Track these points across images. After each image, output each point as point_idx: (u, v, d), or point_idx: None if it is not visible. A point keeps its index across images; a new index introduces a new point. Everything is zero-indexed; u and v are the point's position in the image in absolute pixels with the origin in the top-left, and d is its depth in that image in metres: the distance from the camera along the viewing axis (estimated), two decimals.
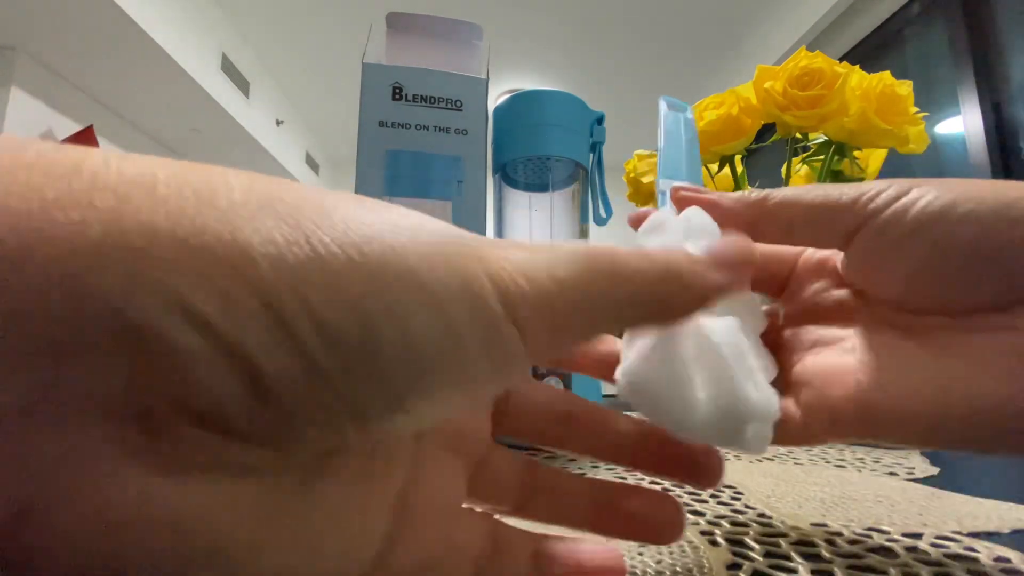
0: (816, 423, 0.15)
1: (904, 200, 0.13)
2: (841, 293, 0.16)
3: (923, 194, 0.13)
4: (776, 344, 0.17)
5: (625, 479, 0.24)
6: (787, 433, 0.15)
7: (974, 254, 0.13)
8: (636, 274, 0.10)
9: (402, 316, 0.07)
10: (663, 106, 0.22)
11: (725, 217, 0.16)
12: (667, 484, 0.23)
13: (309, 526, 0.08)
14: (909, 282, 0.14)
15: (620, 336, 0.14)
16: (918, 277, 0.14)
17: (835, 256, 0.17)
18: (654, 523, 0.13)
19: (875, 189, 0.14)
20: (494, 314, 0.08)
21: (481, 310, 0.08)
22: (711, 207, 0.16)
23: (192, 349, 0.06)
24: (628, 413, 0.15)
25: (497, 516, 0.13)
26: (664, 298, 0.11)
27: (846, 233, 0.14)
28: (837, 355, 0.15)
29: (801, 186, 0.16)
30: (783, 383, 0.16)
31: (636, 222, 0.17)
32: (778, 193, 0.16)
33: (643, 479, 0.24)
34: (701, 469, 0.14)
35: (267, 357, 0.07)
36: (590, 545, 0.12)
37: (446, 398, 0.09)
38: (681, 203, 0.17)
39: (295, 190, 0.08)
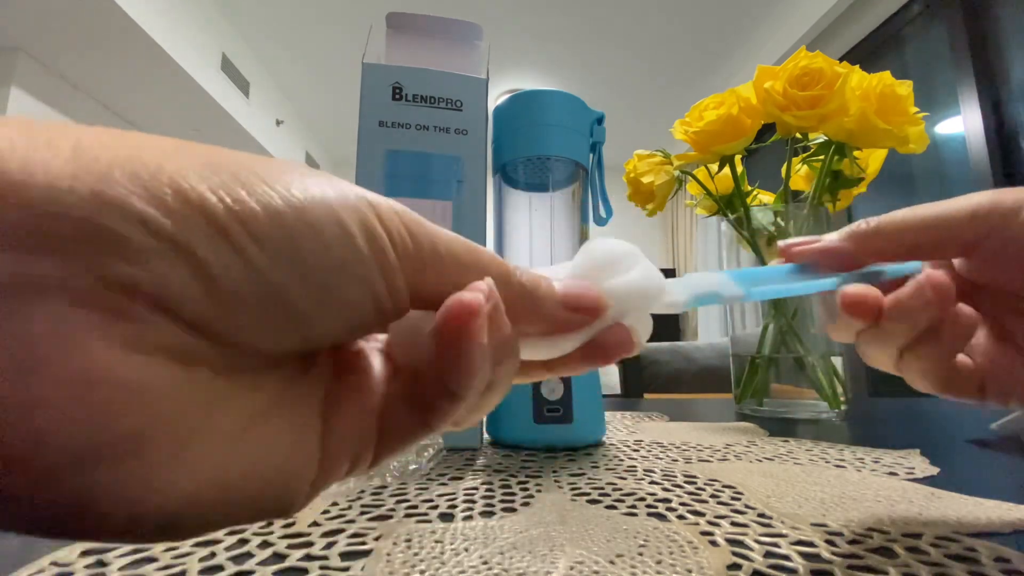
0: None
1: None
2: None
3: None
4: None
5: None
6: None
7: None
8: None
9: (313, 224, 0.10)
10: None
11: (841, 254, 0.19)
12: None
13: (240, 427, 0.10)
14: None
15: None
16: None
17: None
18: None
19: (985, 205, 0.17)
20: (374, 223, 0.11)
21: (366, 220, 0.11)
22: (828, 254, 0.19)
23: (146, 246, 0.08)
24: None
25: None
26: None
27: (965, 245, 0.18)
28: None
29: (903, 211, 0.19)
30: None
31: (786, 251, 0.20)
32: (889, 220, 0.19)
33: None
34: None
35: (210, 252, 0.09)
36: None
37: (353, 288, 0.11)
38: (795, 259, 0.20)
39: (226, 152, 0.10)
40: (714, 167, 0.54)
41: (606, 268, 0.15)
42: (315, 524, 0.18)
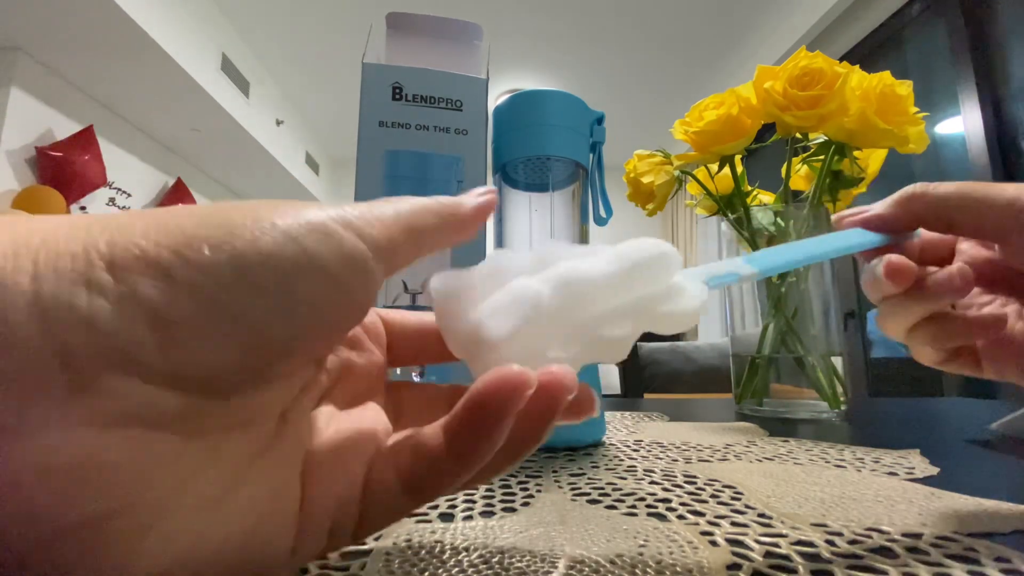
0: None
1: None
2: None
3: None
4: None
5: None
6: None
7: None
8: (429, 206, 0.14)
9: (251, 239, 0.10)
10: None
11: (888, 220, 0.20)
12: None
13: (214, 496, 0.10)
14: None
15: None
16: None
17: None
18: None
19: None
20: (343, 238, 0.11)
21: (330, 236, 0.11)
22: (877, 221, 0.20)
23: (97, 307, 0.08)
24: None
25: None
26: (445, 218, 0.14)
27: (1000, 232, 0.18)
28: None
29: (951, 185, 0.19)
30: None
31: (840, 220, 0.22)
32: (935, 190, 0.19)
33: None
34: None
35: (161, 297, 0.09)
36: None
37: (322, 304, 0.10)
38: (848, 227, 0.21)
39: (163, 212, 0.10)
40: (714, 167, 0.54)
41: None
42: None
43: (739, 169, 0.53)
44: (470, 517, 0.19)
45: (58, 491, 0.08)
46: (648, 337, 1.43)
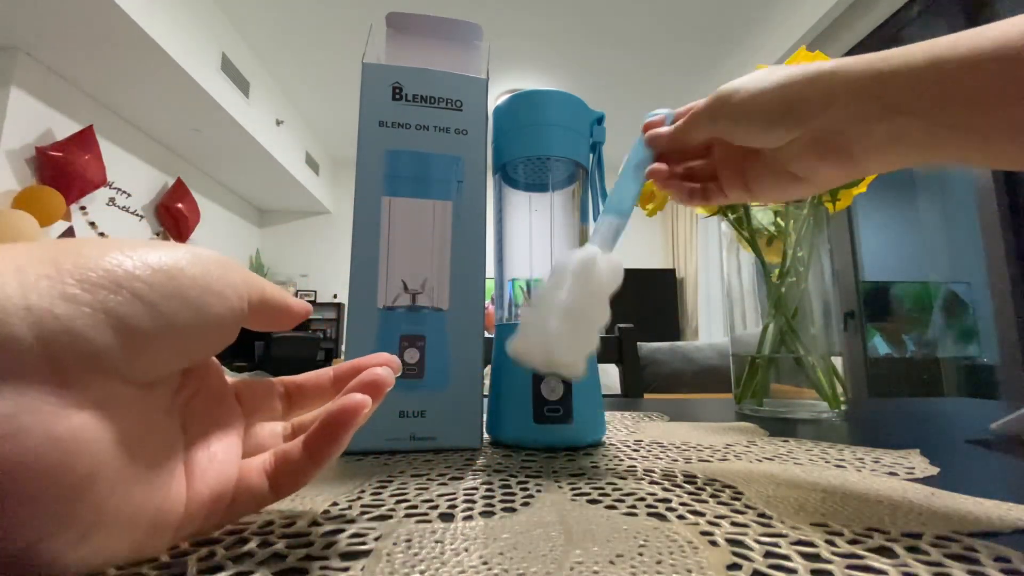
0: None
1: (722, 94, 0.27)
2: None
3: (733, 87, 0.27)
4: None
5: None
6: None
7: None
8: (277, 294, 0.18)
9: (176, 270, 0.13)
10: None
11: (668, 138, 0.31)
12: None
13: (142, 468, 0.13)
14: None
15: None
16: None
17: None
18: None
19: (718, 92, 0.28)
20: (230, 281, 0.15)
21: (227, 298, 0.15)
22: (659, 140, 0.31)
23: (75, 317, 0.11)
24: None
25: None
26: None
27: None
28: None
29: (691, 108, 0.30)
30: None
31: (647, 128, 0.32)
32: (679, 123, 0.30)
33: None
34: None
35: (125, 309, 0.12)
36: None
37: (218, 304, 0.14)
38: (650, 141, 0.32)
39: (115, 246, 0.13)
40: None
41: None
42: (315, 524, 0.18)
43: None
44: (470, 517, 0.19)
45: (57, 459, 0.11)
46: (648, 337, 1.43)
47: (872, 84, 0.22)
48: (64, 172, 2.36)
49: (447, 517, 0.19)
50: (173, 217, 3.17)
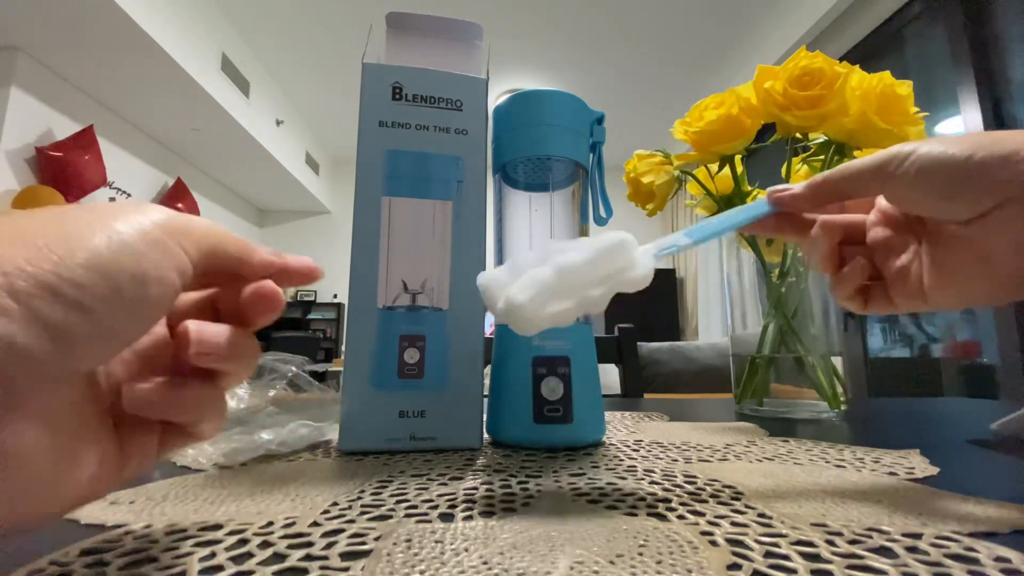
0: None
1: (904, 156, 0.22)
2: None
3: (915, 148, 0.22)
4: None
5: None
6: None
7: (948, 180, 0.21)
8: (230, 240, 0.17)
9: (119, 263, 0.13)
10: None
11: (801, 199, 0.26)
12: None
13: (75, 450, 0.13)
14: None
15: None
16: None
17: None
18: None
19: (889, 154, 0.22)
20: (167, 246, 0.14)
21: (162, 242, 0.14)
22: (789, 198, 0.27)
23: (10, 330, 0.11)
24: None
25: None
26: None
27: (874, 187, 0.23)
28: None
29: (841, 166, 0.25)
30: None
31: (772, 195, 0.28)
32: (828, 172, 0.25)
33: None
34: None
35: (57, 315, 0.11)
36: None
37: (151, 293, 0.14)
38: (776, 202, 0.27)
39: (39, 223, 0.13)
40: (714, 167, 0.54)
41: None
42: (315, 524, 0.18)
43: (739, 169, 0.53)
44: (470, 517, 0.19)
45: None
46: (648, 337, 1.43)
47: None
48: (64, 172, 2.36)
49: (447, 517, 0.19)
50: None
